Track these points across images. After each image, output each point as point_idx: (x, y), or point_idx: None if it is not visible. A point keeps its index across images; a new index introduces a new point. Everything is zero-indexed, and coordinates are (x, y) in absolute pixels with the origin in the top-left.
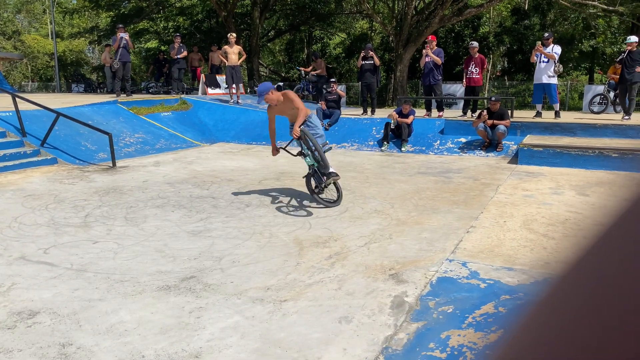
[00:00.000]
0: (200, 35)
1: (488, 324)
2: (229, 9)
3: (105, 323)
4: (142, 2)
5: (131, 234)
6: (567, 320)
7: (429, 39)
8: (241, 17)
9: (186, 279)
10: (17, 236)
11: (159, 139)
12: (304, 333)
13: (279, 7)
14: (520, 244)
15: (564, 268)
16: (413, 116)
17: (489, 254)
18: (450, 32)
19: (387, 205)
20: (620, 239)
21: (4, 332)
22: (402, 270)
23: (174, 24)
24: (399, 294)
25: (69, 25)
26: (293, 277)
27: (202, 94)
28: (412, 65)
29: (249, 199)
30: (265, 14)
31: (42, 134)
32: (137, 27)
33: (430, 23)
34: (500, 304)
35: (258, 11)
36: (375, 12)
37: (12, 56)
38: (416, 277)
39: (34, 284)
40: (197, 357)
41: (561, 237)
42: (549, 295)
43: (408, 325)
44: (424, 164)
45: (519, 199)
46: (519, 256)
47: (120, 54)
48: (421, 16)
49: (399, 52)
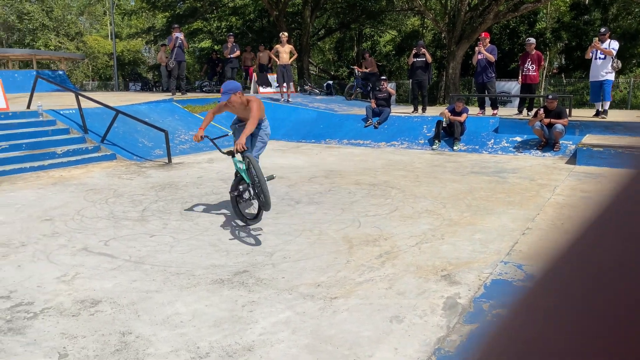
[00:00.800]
0: (252, 35)
1: None
2: (281, 8)
3: (162, 314)
4: (196, 3)
5: (186, 228)
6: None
7: (482, 36)
8: (292, 16)
9: (239, 273)
10: (79, 228)
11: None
12: (354, 331)
13: (329, 6)
14: None
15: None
16: (466, 114)
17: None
18: (504, 28)
19: (439, 205)
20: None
21: (69, 319)
22: (454, 272)
23: (227, 23)
24: (451, 295)
25: (127, 26)
26: (343, 274)
27: (254, 93)
28: (464, 62)
29: (299, 196)
30: (316, 13)
31: (102, 131)
32: (192, 27)
33: (484, 19)
34: None
35: (309, 10)
36: (427, 9)
37: (74, 56)
38: (469, 279)
39: (95, 274)
40: (249, 351)
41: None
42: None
43: (461, 327)
44: (477, 163)
45: (577, 201)
46: None
47: (176, 54)
48: (475, 12)
49: (451, 49)
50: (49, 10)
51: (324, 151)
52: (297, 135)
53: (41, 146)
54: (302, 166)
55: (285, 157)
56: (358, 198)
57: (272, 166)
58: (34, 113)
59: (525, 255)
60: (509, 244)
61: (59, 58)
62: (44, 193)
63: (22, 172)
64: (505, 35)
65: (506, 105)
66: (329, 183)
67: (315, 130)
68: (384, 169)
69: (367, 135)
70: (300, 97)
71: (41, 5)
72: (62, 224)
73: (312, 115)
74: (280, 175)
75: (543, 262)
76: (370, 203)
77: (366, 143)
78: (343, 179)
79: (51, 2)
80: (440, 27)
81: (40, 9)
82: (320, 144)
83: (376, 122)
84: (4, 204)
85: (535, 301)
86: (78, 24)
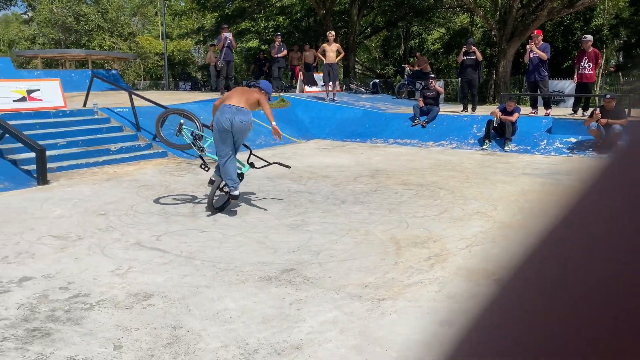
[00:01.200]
0: (298, 34)
1: None
2: (328, 7)
3: (211, 309)
4: (244, 3)
5: (234, 224)
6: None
7: (534, 33)
8: (339, 15)
9: (286, 270)
10: (132, 223)
11: (259, 136)
12: (403, 333)
13: (376, 4)
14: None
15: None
16: (518, 114)
17: None
18: (558, 25)
19: (490, 207)
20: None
21: (123, 312)
22: (507, 276)
23: (274, 23)
24: None
25: (178, 27)
26: (391, 276)
27: (300, 92)
28: (515, 60)
29: (345, 195)
30: (363, 11)
31: (153, 129)
32: (240, 27)
33: (537, 16)
34: None
35: (356, 8)
36: (477, 6)
37: (127, 56)
38: None
39: (148, 269)
40: (298, 349)
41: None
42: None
43: None
44: (529, 164)
45: None
46: None
47: (224, 53)
48: (527, 9)
49: (502, 47)
50: (104, 11)
51: (370, 150)
52: (342, 134)
53: (96, 143)
54: (348, 165)
55: (330, 156)
56: (405, 199)
57: (317, 165)
58: (90, 111)
59: None
60: None
61: (113, 58)
62: (99, 188)
63: (79, 168)
64: (559, 33)
65: (559, 105)
66: (375, 183)
67: (360, 129)
68: (432, 169)
69: (414, 134)
70: (346, 96)
71: (97, 7)
72: (116, 219)
73: (357, 114)
74: (326, 174)
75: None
76: (418, 204)
77: (413, 142)
78: (389, 179)
79: (106, 4)
80: (490, 24)
81: (96, 11)
82: (366, 143)
83: (424, 121)
84: (62, 199)
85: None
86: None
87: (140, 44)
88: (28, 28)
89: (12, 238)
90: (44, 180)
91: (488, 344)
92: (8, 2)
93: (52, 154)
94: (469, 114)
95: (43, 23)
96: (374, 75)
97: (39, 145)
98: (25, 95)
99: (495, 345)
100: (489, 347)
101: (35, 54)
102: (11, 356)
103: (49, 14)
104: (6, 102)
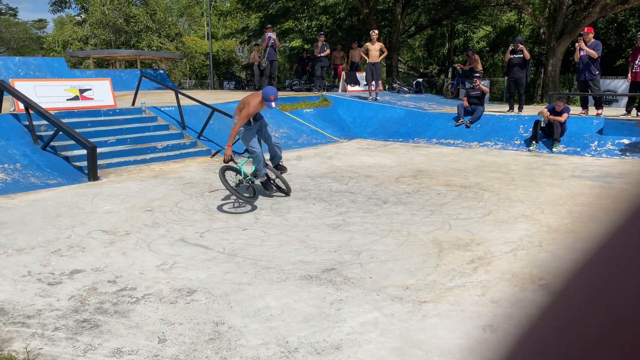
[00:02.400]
0: (341, 33)
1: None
2: (371, 5)
3: (252, 306)
4: (288, 3)
5: (276, 223)
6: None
7: (585, 30)
8: (382, 14)
9: (327, 270)
10: (177, 220)
11: (301, 134)
12: (445, 337)
13: (421, 2)
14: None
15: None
16: (567, 114)
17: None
18: (611, 22)
19: (536, 210)
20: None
21: (167, 306)
22: (554, 282)
23: (317, 22)
24: None
25: (223, 27)
26: (433, 278)
27: (342, 91)
28: (565, 59)
29: (386, 195)
30: (407, 10)
31: (198, 127)
32: (283, 27)
33: (589, 13)
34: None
35: (400, 7)
36: (525, 3)
37: (174, 56)
38: None
39: (191, 265)
40: (338, 349)
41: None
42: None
43: None
44: (578, 166)
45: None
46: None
47: (268, 53)
48: (579, 5)
49: (551, 45)
50: (152, 13)
51: (412, 150)
52: (384, 134)
53: (144, 141)
54: (390, 165)
55: (372, 156)
56: (448, 200)
57: (359, 164)
58: (138, 110)
59: None
60: None
61: (160, 58)
62: (146, 185)
63: (127, 165)
64: (612, 30)
65: (611, 105)
66: (417, 183)
67: (403, 129)
68: (476, 170)
69: (458, 134)
70: (389, 95)
71: (146, 8)
72: (161, 215)
73: (400, 114)
74: (367, 174)
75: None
76: (461, 205)
77: (457, 143)
78: (432, 180)
79: (155, 6)
80: (539, 21)
81: (145, 12)
82: (408, 143)
83: (468, 121)
84: (111, 194)
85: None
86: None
87: (187, 44)
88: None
89: (65, 232)
90: (95, 176)
91: (533, 351)
92: (63, 5)
93: (102, 151)
94: (515, 114)
95: (95, 25)
96: (417, 75)
97: (90, 142)
98: (77, 94)
99: (541, 353)
100: (535, 354)
101: (87, 55)
102: (62, 345)
103: (100, 15)
104: (60, 101)
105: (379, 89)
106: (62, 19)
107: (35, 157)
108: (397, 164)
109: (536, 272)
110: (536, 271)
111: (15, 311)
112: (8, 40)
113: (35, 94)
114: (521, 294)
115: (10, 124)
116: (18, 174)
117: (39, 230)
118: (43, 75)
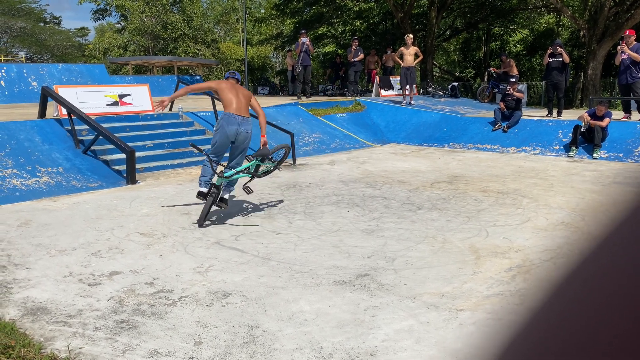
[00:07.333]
0: (375, 38)
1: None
2: (406, 10)
3: (287, 311)
4: (322, 8)
5: (310, 227)
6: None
7: (626, 33)
8: (417, 18)
9: (360, 276)
10: (213, 223)
11: (334, 139)
12: (482, 347)
13: (456, 6)
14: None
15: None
16: (609, 119)
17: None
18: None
19: (577, 217)
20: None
21: (203, 309)
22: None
23: (351, 27)
24: None
25: (257, 33)
26: (469, 286)
27: (376, 96)
28: (607, 62)
29: (421, 201)
30: (442, 13)
31: None
32: (317, 32)
33: (632, 14)
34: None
35: (435, 11)
36: (564, 5)
37: (210, 62)
38: None
39: (226, 267)
40: (372, 356)
41: None
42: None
43: None
44: (620, 172)
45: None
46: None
47: (302, 58)
48: (621, 7)
49: (591, 48)
50: (189, 19)
51: (447, 155)
52: (419, 139)
53: (180, 145)
54: (424, 170)
55: (406, 160)
56: (485, 206)
57: (393, 169)
58: (175, 115)
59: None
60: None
61: (197, 64)
62: (182, 189)
63: (164, 169)
64: None
65: None
66: (453, 189)
67: (437, 134)
68: (514, 175)
69: (494, 139)
70: (423, 100)
71: (183, 15)
72: (197, 218)
73: (434, 118)
74: (401, 179)
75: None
76: (498, 212)
77: (494, 148)
78: (468, 186)
79: (191, 13)
80: (579, 24)
81: (182, 19)
82: (443, 148)
83: (505, 126)
84: (149, 197)
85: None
86: (214, 31)
87: (222, 50)
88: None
89: (104, 234)
90: (133, 180)
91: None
92: (104, 13)
93: (141, 155)
94: (554, 119)
95: (134, 32)
96: (452, 79)
97: (129, 147)
98: (117, 99)
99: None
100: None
101: (126, 61)
102: (102, 345)
103: (139, 23)
104: (101, 107)
105: (413, 93)
106: (102, 27)
107: (77, 160)
108: (431, 169)
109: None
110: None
111: (57, 310)
112: (52, 48)
113: (77, 100)
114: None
115: (53, 129)
116: (61, 177)
117: (80, 232)
118: (84, 82)
